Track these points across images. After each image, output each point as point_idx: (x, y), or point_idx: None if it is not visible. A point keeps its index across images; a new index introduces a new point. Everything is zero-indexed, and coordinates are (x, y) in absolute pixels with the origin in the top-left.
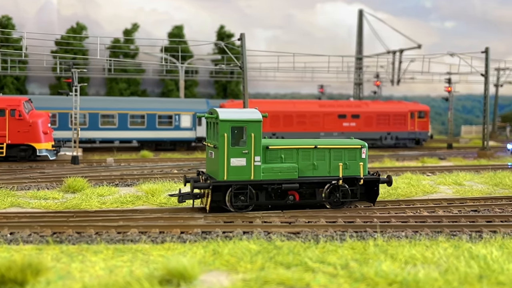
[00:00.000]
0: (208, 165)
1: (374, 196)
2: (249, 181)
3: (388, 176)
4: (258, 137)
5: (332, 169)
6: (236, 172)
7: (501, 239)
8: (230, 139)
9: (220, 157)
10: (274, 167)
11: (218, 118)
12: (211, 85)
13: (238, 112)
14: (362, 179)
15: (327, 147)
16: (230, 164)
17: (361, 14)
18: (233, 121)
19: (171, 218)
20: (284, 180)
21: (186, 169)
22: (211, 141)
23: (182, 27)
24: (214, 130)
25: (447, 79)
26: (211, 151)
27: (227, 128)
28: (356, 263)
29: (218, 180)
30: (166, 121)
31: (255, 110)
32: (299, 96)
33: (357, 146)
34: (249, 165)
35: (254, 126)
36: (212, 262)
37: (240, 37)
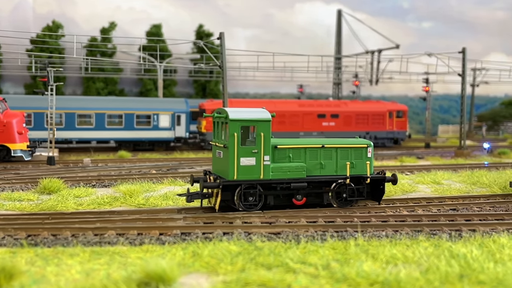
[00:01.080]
0: (215, 164)
1: (379, 194)
2: (258, 180)
3: (393, 174)
4: (267, 136)
5: (339, 168)
6: (245, 171)
7: (481, 238)
8: (239, 138)
9: (230, 156)
10: (283, 167)
11: (228, 117)
12: (190, 84)
13: (247, 112)
14: (369, 178)
15: (334, 146)
16: (240, 163)
17: (339, 14)
18: (243, 120)
19: (150, 220)
20: (293, 179)
21: (165, 170)
22: (220, 140)
23: (161, 26)
24: (221, 129)
25: (425, 79)
26: (219, 151)
27: (237, 128)
28: (337, 263)
29: (228, 180)
30: (145, 121)
31: (264, 110)
32: (278, 96)
33: (363, 145)
34: (258, 164)
35: (263, 126)
36: (191, 264)
37: (220, 36)
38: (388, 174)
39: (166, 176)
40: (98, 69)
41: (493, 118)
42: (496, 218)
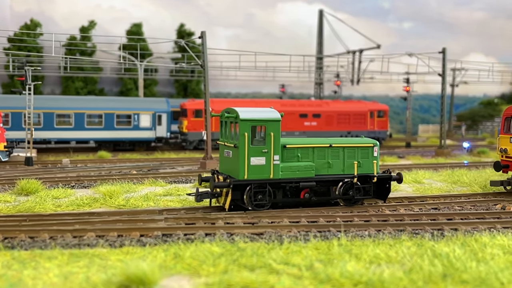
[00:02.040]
0: (224, 164)
1: (384, 193)
2: (268, 179)
3: (398, 173)
4: (277, 136)
5: (346, 167)
6: (256, 171)
7: (463, 237)
8: (250, 138)
9: (241, 156)
10: (292, 166)
11: (239, 117)
12: (171, 84)
13: (257, 112)
14: (376, 177)
15: (341, 146)
16: (250, 163)
17: (321, 14)
18: (253, 120)
19: (130, 221)
20: (302, 179)
21: (146, 170)
22: (229, 140)
23: (141, 25)
24: (229, 129)
25: (406, 79)
26: (228, 150)
27: (247, 128)
28: (321, 263)
29: (239, 179)
30: (125, 120)
31: (273, 110)
32: (260, 96)
33: (369, 145)
34: (268, 164)
35: (273, 125)
36: (173, 266)
37: (201, 35)
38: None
39: (147, 177)
40: (78, 68)
41: (472, 118)
42: (477, 217)
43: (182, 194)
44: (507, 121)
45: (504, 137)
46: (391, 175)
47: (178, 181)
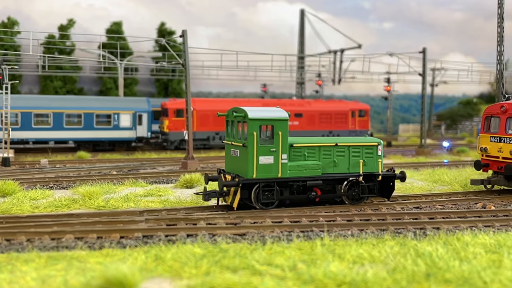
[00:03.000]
0: (230, 163)
1: (388, 191)
2: (276, 178)
3: (402, 172)
4: (285, 135)
5: (351, 166)
6: (264, 170)
7: (445, 236)
8: (258, 137)
9: (249, 155)
10: (300, 165)
11: (247, 117)
12: (152, 83)
13: (265, 111)
14: (381, 175)
15: (346, 145)
16: (259, 162)
17: (302, 14)
18: (262, 119)
19: (110, 222)
20: (309, 177)
21: (126, 170)
22: (236, 139)
23: (121, 24)
24: (236, 128)
25: (386, 78)
26: (235, 150)
27: (256, 127)
28: (304, 264)
29: (247, 178)
30: (105, 120)
31: (280, 109)
32: (242, 95)
33: (374, 144)
34: (276, 163)
35: (281, 125)
36: (154, 268)
37: (182, 34)
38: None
39: (127, 177)
40: (56, 67)
41: (451, 117)
42: (458, 216)
43: (163, 194)
44: (487, 121)
45: (484, 136)
46: (395, 173)
47: (159, 182)
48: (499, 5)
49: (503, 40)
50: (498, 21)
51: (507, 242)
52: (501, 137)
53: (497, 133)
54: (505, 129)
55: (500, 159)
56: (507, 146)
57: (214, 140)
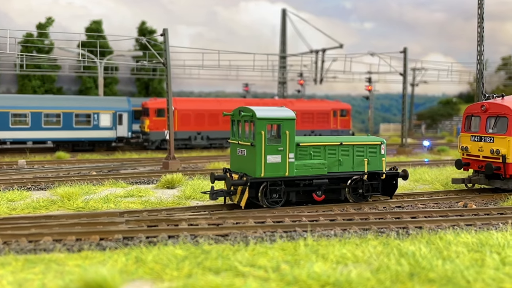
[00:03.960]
0: (236, 162)
1: (391, 190)
2: (284, 177)
3: (404, 170)
4: (292, 134)
5: (355, 165)
6: (272, 168)
7: (428, 235)
8: (266, 136)
9: (257, 154)
10: (306, 164)
11: (255, 116)
12: (132, 82)
13: (272, 110)
14: (385, 174)
15: (351, 144)
16: (266, 161)
17: (284, 14)
18: (269, 119)
19: (89, 224)
20: (315, 176)
21: (106, 171)
22: (243, 139)
23: (101, 22)
24: (243, 128)
25: (367, 78)
26: (241, 149)
27: (263, 126)
28: (288, 265)
29: (256, 177)
30: (84, 120)
31: (287, 108)
32: (223, 95)
33: (377, 143)
34: (284, 161)
35: (288, 124)
36: (135, 270)
37: (163, 33)
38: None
39: (107, 178)
40: (34, 66)
41: (431, 117)
42: (440, 215)
43: (144, 195)
44: (467, 120)
45: (465, 136)
46: (398, 172)
47: (140, 182)
48: (479, 5)
49: (483, 40)
50: (478, 21)
51: (489, 241)
52: (481, 136)
53: (478, 132)
54: (485, 128)
55: (480, 158)
56: (488, 145)
57: (195, 140)
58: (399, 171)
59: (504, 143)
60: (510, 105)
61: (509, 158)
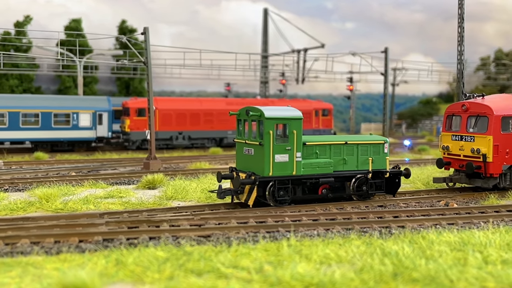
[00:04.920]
0: (243, 161)
1: (394, 188)
2: (291, 176)
3: (406, 169)
4: (299, 134)
5: (359, 163)
6: (279, 167)
7: (410, 234)
8: (275, 136)
9: (266, 153)
10: (313, 163)
11: (263, 116)
12: (112, 82)
13: (280, 110)
14: (388, 172)
15: (355, 143)
16: (274, 160)
17: (266, 13)
18: (277, 118)
19: (68, 226)
20: (321, 175)
21: (86, 171)
22: (250, 138)
23: (81, 21)
24: (250, 127)
25: (349, 78)
26: (248, 148)
27: (272, 126)
28: (271, 266)
29: (264, 176)
30: (63, 120)
31: (293, 108)
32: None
33: (381, 142)
34: (291, 160)
35: (296, 124)
36: (115, 273)
37: (144, 31)
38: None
39: (87, 178)
40: (12, 65)
41: (412, 116)
42: (422, 214)
43: (124, 196)
44: (448, 119)
45: (446, 135)
46: (401, 170)
47: (120, 183)
48: (459, 5)
49: (463, 40)
50: (458, 21)
51: (471, 240)
52: (462, 135)
53: (459, 132)
54: (466, 127)
55: (461, 157)
56: (468, 145)
57: (177, 140)
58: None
59: (484, 142)
60: (491, 104)
61: (490, 157)
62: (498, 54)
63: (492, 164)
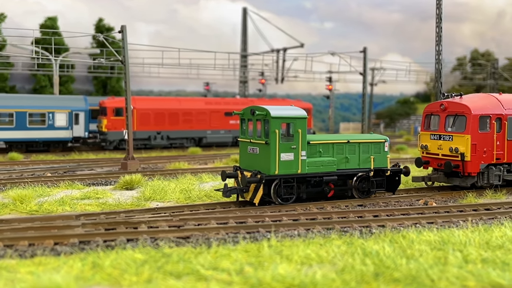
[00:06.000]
0: (247, 160)
1: (394, 185)
2: (297, 174)
3: (406, 167)
4: (304, 133)
5: (361, 162)
6: (285, 166)
7: (391, 233)
8: (280, 135)
9: (272, 152)
10: (317, 161)
11: (269, 115)
12: (89, 81)
13: (285, 109)
14: (389, 170)
15: (357, 142)
16: (280, 158)
17: (245, 12)
18: (283, 118)
19: (43, 228)
20: (325, 173)
21: (62, 172)
22: (255, 137)
23: (56, 19)
24: (254, 126)
25: (328, 77)
26: (253, 147)
27: (278, 125)
28: (251, 267)
29: (270, 174)
30: (39, 119)
31: (297, 108)
32: (184, 94)
33: (381, 140)
34: (296, 159)
35: (301, 123)
36: (91, 276)
37: (121, 29)
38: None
39: (63, 179)
40: None
41: (390, 116)
42: (402, 213)
43: (101, 197)
44: (427, 119)
45: (424, 134)
46: (401, 168)
47: (97, 183)
48: (437, 5)
49: (441, 39)
50: (436, 21)
51: (451, 239)
52: (440, 134)
53: (437, 131)
54: (444, 126)
55: (440, 156)
56: (447, 144)
57: (155, 140)
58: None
59: (462, 141)
60: (469, 104)
61: (468, 156)
62: (474, 54)
63: (470, 163)
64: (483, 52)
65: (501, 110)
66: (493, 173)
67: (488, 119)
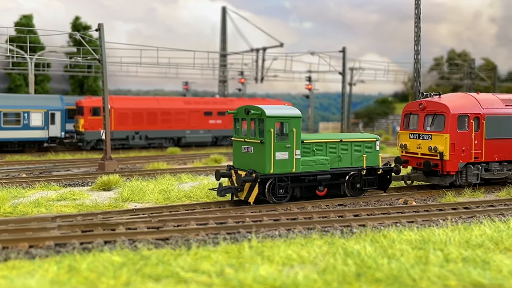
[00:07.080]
0: (240, 159)
1: (385, 184)
2: (291, 173)
3: (396, 165)
4: (298, 132)
5: (353, 160)
6: (280, 165)
7: (371, 233)
8: (275, 134)
9: (267, 151)
10: (311, 160)
11: (264, 114)
12: (66, 80)
13: (280, 109)
14: (381, 169)
15: (350, 141)
16: (275, 158)
17: (224, 12)
18: (278, 117)
19: (18, 230)
20: (319, 172)
21: (37, 173)
22: (249, 136)
23: (32, 17)
24: (249, 126)
25: (308, 77)
26: (247, 146)
27: (272, 124)
28: (232, 268)
29: (265, 173)
30: (13, 119)
31: (292, 107)
32: (162, 93)
33: (373, 140)
34: (291, 158)
35: (295, 122)
36: (67, 280)
37: (98, 28)
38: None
39: (39, 180)
40: None
41: (368, 115)
42: (382, 212)
43: (78, 198)
44: (406, 118)
45: (403, 133)
46: (392, 167)
47: (74, 184)
48: (416, 5)
49: (419, 39)
50: (415, 21)
51: (431, 238)
52: (419, 133)
53: (416, 130)
54: (423, 126)
55: (419, 155)
56: (426, 143)
57: (133, 140)
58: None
59: (441, 140)
60: (447, 103)
61: (446, 155)
62: (451, 54)
63: (449, 162)
64: (459, 52)
65: (479, 109)
66: (471, 172)
67: (466, 118)
